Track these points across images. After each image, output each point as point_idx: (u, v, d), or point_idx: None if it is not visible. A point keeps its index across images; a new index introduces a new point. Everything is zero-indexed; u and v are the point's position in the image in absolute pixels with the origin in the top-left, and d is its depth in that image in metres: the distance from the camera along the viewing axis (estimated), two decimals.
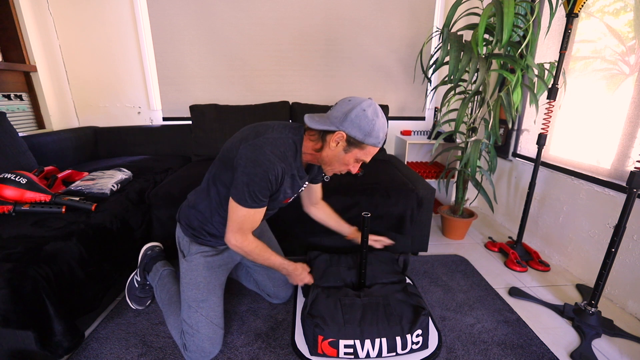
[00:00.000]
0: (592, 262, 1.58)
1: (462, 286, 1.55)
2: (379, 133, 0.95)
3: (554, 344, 1.21)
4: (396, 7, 2.33)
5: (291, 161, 1.01)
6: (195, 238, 1.16)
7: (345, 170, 1.05)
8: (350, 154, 0.99)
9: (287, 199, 1.13)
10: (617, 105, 1.50)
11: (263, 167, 0.93)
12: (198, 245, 1.17)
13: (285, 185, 1.04)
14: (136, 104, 2.41)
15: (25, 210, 1.23)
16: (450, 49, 1.60)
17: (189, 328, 1.08)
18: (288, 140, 1.00)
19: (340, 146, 0.97)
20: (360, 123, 0.92)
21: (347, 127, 0.93)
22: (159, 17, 2.20)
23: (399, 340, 1.08)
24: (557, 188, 1.79)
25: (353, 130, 0.93)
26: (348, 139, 0.95)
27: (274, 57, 2.36)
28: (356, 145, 0.96)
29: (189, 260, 1.15)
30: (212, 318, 1.10)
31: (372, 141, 0.95)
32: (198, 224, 1.14)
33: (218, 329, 1.11)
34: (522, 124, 2.12)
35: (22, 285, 0.91)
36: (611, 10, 1.56)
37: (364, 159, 1.01)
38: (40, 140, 1.82)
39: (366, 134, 0.93)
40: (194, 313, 1.08)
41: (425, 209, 1.70)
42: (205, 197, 1.12)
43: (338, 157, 1.00)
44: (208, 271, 1.15)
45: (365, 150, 0.98)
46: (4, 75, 1.89)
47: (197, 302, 1.10)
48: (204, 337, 1.07)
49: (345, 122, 0.93)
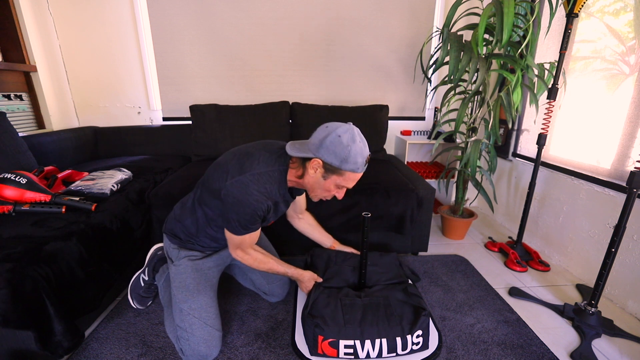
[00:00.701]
0: (592, 262, 1.58)
1: (462, 286, 1.55)
2: (357, 158, 0.94)
3: (554, 344, 1.21)
4: (396, 7, 2.33)
5: (277, 192, 1.03)
6: (183, 244, 1.19)
7: (329, 196, 1.07)
8: (329, 180, 0.99)
9: (271, 221, 1.18)
10: (617, 105, 1.50)
11: (251, 207, 0.97)
12: (186, 250, 1.18)
13: (270, 212, 1.08)
14: (136, 104, 2.41)
15: (25, 210, 1.23)
16: (450, 49, 1.60)
17: (183, 332, 1.07)
18: (274, 173, 1.01)
19: (319, 173, 0.98)
20: (335, 149, 0.93)
21: (323, 154, 0.94)
22: (159, 17, 2.20)
23: (399, 340, 1.08)
24: (557, 188, 1.79)
25: (329, 157, 0.94)
26: (324, 165, 0.96)
27: (274, 57, 2.36)
28: (333, 172, 0.97)
29: (177, 265, 1.16)
30: (205, 319, 1.09)
31: (349, 167, 0.95)
32: (184, 236, 1.17)
33: (213, 330, 1.09)
34: (522, 124, 2.12)
35: (22, 285, 0.91)
36: (611, 10, 1.56)
37: (345, 185, 1.01)
38: (40, 140, 1.82)
39: (342, 160, 0.93)
40: (186, 316, 1.07)
41: (425, 209, 1.70)
42: (191, 214, 1.15)
43: (318, 183, 1.01)
44: (197, 272, 1.15)
45: (345, 176, 0.98)
46: (4, 75, 1.89)
47: (188, 304, 1.09)
48: (199, 339, 1.06)
49: (321, 149, 0.94)
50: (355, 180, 1.01)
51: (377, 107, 2.28)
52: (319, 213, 1.60)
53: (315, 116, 2.24)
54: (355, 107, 2.27)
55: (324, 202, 1.58)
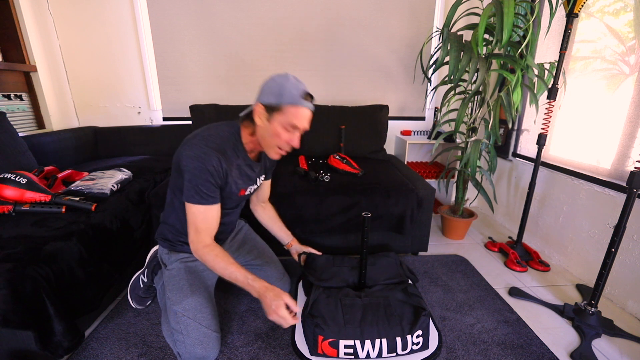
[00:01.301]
0: (592, 262, 1.58)
1: (462, 286, 1.55)
2: (292, 91, 0.97)
3: (554, 344, 1.21)
4: (396, 7, 2.33)
5: (231, 152, 1.05)
6: (173, 247, 1.19)
7: (283, 144, 1.04)
8: (274, 122, 1.00)
9: (241, 190, 1.14)
10: (617, 105, 1.50)
11: (199, 160, 0.97)
12: (177, 253, 1.18)
13: (233, 177, 1.07)
14: (136, 104, 2.41)
15: (25, 210, 1.23)
16: (450, 49, 1.60)
17: (178, 335, 1.04)
18: (223, 133, 1.05)
19: (263, 118, 1.01)
20: (270, 89, 0.98)
21: (261, 98, 1.00)
22: (159, 17, 2.20)
23: (399, 340, 1.08)
24: (557, 188, 1.79)
25: (266, 98, 0.99)
26: (265, 107, 0.99)
27: (274, 57, 2.36)
28: (274, 110, 0.99)
29: (170, 269, 1.16)
30: (200, 320, 1.06)
31: (287, 100, 0.97)
32: (172, 237, 1.18)
33: (209, 331, 1.06)
34: (522, 124, 2.12)
35: (22, 285, 0.91)
36: (611, 10, 1.56)
37: (291, 122, 1.00)
38: (40, 140, 1.82)
39: (278, 95, 0.97)
40: (180, 318, 1.05)
41: (425, 209, 1.70)
42: (172, 209, 1.15)
43: (267, 130, 1.02)
44: (190, 274, 1.14)
45: (286, 112, 0.98)
46: (4, 75, 1.89)
47: (181, 306, 1.06)
48: (194, 341, 1.03)
49: (260, 96, 1.01)
50: (300, 116, 1.00)
51: (377, 107, 2.28)
52: (319, 213, 1.60)
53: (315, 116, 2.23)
54: (355, 107, 2.28)
55: (324, 202, 1.59)
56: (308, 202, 1.59)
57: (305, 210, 1.59)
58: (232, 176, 1.07)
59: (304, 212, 1.59)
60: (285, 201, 1.58)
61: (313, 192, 1.61)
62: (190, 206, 1.01)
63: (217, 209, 1.06)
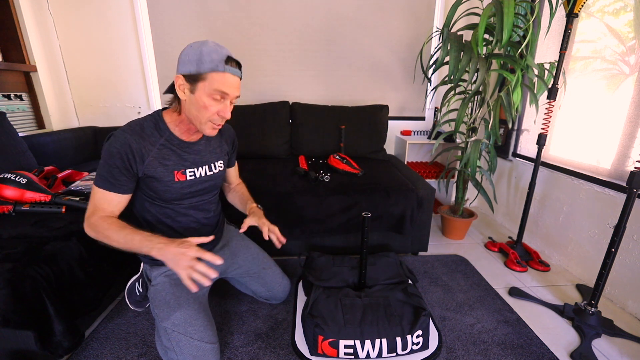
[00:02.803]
0: (592, 262, 1.58)
1: (462, 286, 1.55)
2: (212, 55, 0.88)
3: (554, 344, 1.21)
4: (396, 7, 2.33)
5: (151, 131, 0.99)
6: (153, 261, 1.11)
7: (214, 117, 0.96)
8: (198, 93, 0.91)
9: (175, 172, 1.03)
10: (617, 105, 1.50)
11: (107, 145, 0.94)
12: (158, 267, 1.12)
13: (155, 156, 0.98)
14: (136, 104, 2.41)
15: (25, 210, 1.23)
16: (450, 49, 1.60)
17: (172, 353, 0.99)
18: (144, 118, 1.01)
19: (186, 90, 0.92)
20: (188, 57, 0.89)
21: (180, 69, 0.91)
22: (159, 17, 2.20)
23: (399, 340, 1.08)
24: (557, 188, 1.79)
25: (185, 67, 0.90)
26: (185, 78, 0.91)
27: (274, 57, 2.36)
28: (197, 79, 0.90)
29: (155, 284, 1.10)
30: (191, 334, 0.99)
31: (207, 66, 0.88)
32: None
33: (202, 343, 1.00)
34: (522, 124, 2.12)
35: (22, 285, 0.91)
36: (611, 10, 1.56)
37: (217, 88, 0.91)
38: (40, 140, 1.82)
39: (197, 62, 0.88)
40: (170, 334, 0.99)
41: (425, 209, 1.70)
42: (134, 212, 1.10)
43: (192, 103, 0.93)
44: (175, 287, 1.07)
45: (210, 79, 0.89)
46: (4, 75, 1.89)
47: (170, 322, 1.00)
48: (188, 356, 0.98)
49: (178, 67, 0.92)
50: (226, 83, 0.91)
51: (377, 107, 2.28)
52: (319, 213, 1.60)
53: (315, 116, 2.24)
54: (355, 107, 2.28)
55: (324, 202, 1.59)
56: (308, 202, 1.59)
57: (305, 210, 1.59)
58: (153, 156, 0.98)
59: (304, 212, 1.59)
60: (285, 201, 1.58)
61: (313, 192, 1.61)
62: (93, 189, 0.96)
63: (118, 199, 0.97)
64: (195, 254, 0.85)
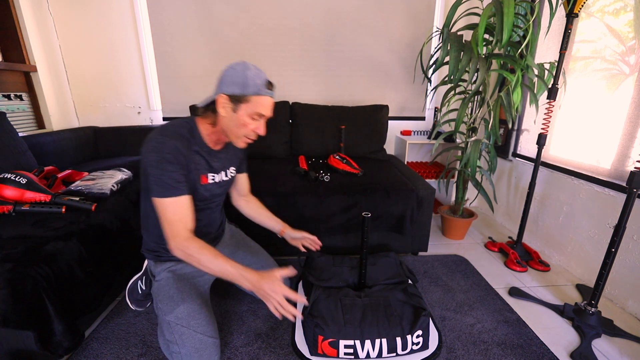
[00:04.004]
0: (592, 262, 1.58)
1: (462, 286, 1.55)
2: (255, 80, 0.97)
3: (554, 344, 1.21)
4: (396, 7, 2.33)
5: (188, 137, 1.02)
6: (158, 257, 1.15)
7: (250, 133, 1.04)
8: (240, 112, 0.99)
9: (202, 176, 1.08)
10: (617, 105, 1.50)
11: (156, 151, 0.95)
12: (162, 263, 1.15)
13: (193, 161, 1.03)
14: (136, 103, 2.41)
15: (25, 210, 1.23)
16: (450, 49, 1.60)
17: (174, 346, 1.00)
18: (178, 122, 1.04)
19: (228, 108, 0.99)
20: (232, 79, 0.96)
21: (224, 88, 0.97)
22: (159, 17, 2.20)
23: (399, 340, 1.08)
24: (557, 188, 1.79)
25: (230, 88, 0.97)
26: (230, 98, 0.98)
27: (274, 57, 2.36)
28: (240, 101, 0.98)
29: (159, 279, 1.12)
30: (195, 327, 1.01)
31: (252, 90, 0.97)
32: (154, 245, 1.14)
33: (205, 337, 1.02)
34: (522, 124, 2.12)
35: (22, 285, 0.91)
36: (611, 10, 1.56)
37: (258, 111, 1.00)
38: (40, 140, 1.82)
39: (242, 85, 0.96)
40: (173, 327, 1.01)
41: (425, 209, 1.70)
42: (147, 217, 1.12)
43: (232, 120, 1.01)
44: (180, 282, 1.10)
45: (253, 102, 0.98)
46: (4, 75, 1.89)
47: (174, 315, 1.01)
48: (190, 350, 1.00)
49: (222, 86, 0.98)
50: (265, 105, 1.01)
51: (377, 107, 2.28)
52: (319, 213, 1.60)
53: (315, 116, 2.24)
54: (355, 107, 2.28)
55: (324, 202, 1.59)
56: (308, 202, 1.59)
57: (305, 210, 1.59)
58: (193, 161, 1.03)
59: (304, 212, 1.59)
60: (285, 201, 1.58)
61: (313, 192, 1.61)
62: (157, 201, 0.96)
63: (187, 200, 1.00)
64: (283, 294, 0.93)
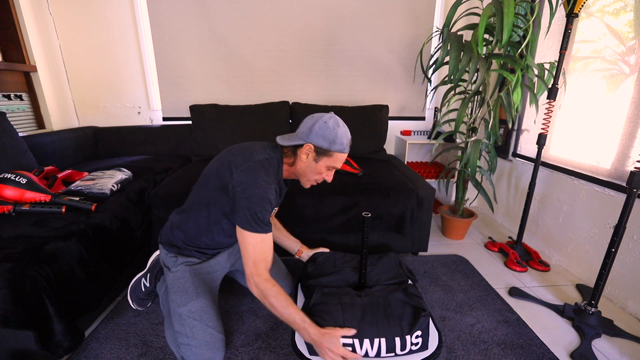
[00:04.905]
0: (592, 262, 1.58)
1: (462, 286, 1.55)
2: (343, 140, 1.06)
3: (554, 344, 1.21)
4: (396, 7, 2.33)
5: (274, 177, 1.08)
6: (180, 252, 1.18)
7: (320, 179, 1.15)
8: (321, 163, 1.09)
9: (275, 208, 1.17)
10: (617, 105, 1.50)
11: (261, 189, 1.00)
12: (184, 257, 1.17)
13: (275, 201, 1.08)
14: (136, 104, 2.41)
15: (25, 210, 1.23)
16: (450, 49, 1.60)
17: (183, 337, 1.04)
18: (273, 160, 1.09)
19: (311, 157, 1.08)
20: (324, 133, 1.04)
21: (313, 139, 1.04)
22: (159, 17, 2.20)
23: (397, 340, 1.08)
24: (557, 188, 1.79)
25: (319, 141, 1.04)
26: (316, 149, 1.06)
27: (274, 57, 2.36)
28: (324, 154, 1.07)
29: (175, 271, 1.15)
30: (207, 321, 1.07)
31: (337, 148, 1.06)
32: (181, 243, 1.17)
33: (215, 332, 1.08)
34: (522, 124, 2.12)
35: (22, 285, 0.91)
36: (611, 10, 1.56)
37: (334, 165, 1.10)
38: (40, 140, 1.82)
39: (331, 142, 1.04)
40: (185, 320, 1.06)
41: (425, 209, 1.70)
42: (191, 218, 1.14)
43: (310, 167, 1.10)
44: (195, 277, 1.14)
45: (334, 157, 1.08)
46: (4, 75, 1.89)
47: (187, 308, 1.07)
48: (200, 342, 1.04)
49: (311, 135, 1.05)
50: (342, 160, 1.11)
51: (377, 107, 2.28)
52: (319, 213, 1.60)
53: None
54: (355, 107, 2.28)
55: (324, 202, 1.59)
56: (308, 202, 1.59)
57: (305, 210, 1.59)
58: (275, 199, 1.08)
59: (304, 212, 1.59)
60: (285, 201, 1.58)
61: (313, 192, 1.61)
62: (246, 235, 1.00)
63: (270, 238, 1.06)
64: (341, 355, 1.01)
